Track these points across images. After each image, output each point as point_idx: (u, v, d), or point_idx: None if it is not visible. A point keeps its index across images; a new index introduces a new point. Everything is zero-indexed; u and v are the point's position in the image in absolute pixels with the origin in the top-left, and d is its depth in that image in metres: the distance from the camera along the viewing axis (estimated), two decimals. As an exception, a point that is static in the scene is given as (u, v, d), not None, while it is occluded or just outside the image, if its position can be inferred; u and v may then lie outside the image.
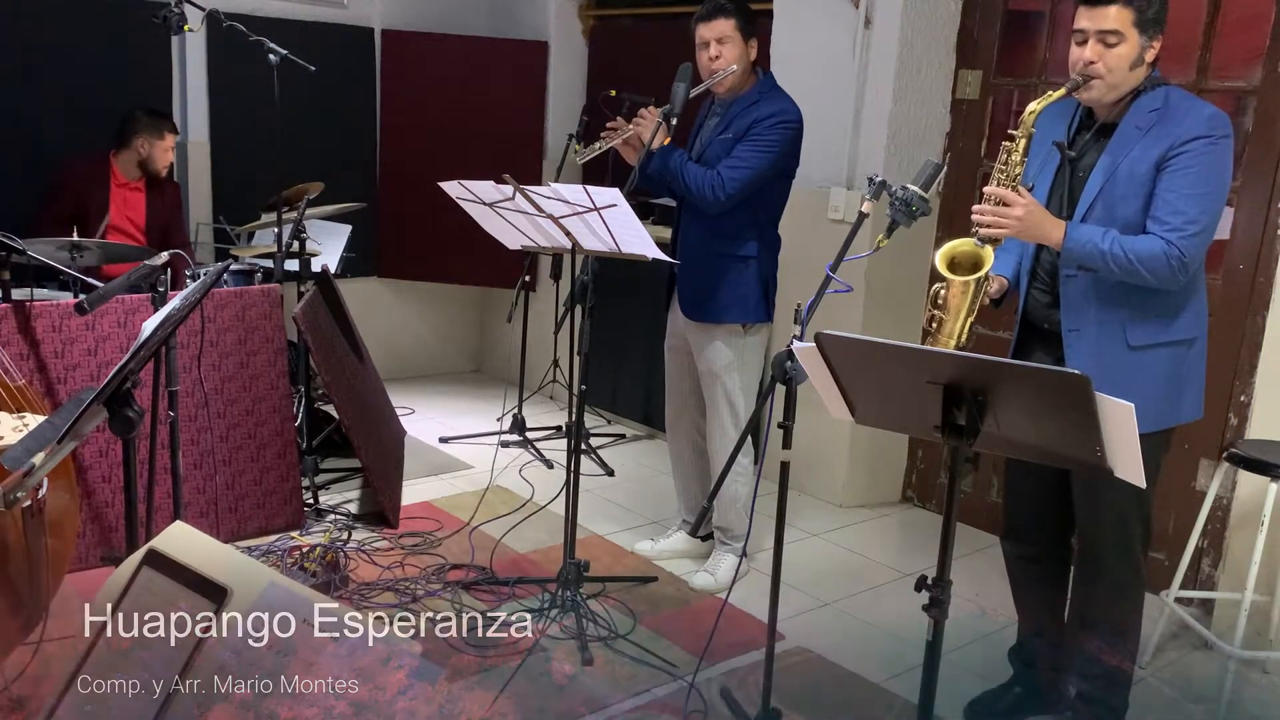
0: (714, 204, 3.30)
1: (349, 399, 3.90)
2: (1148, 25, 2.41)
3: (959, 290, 2.48)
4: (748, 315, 3.43)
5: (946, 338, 2.53)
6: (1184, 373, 2.54)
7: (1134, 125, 2.46)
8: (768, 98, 3.36)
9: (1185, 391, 2.55)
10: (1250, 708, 3.02)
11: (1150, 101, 2.46)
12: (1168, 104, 2.45)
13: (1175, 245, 2.36)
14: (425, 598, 3.32)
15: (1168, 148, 2.40)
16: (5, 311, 3.16)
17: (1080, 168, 2.55)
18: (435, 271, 5.82)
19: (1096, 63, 2.42)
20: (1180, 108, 2.44)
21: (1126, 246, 2.39)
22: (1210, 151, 2.38)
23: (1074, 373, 1.76)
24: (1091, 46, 2.43)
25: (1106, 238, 2.40)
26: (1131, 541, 2.60)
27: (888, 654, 3.21)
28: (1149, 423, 2.40)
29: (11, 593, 2.40)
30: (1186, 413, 2.58)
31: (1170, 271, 2.38)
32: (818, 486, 4.46)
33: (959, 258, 2.52)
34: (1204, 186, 2.39)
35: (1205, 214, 2.39)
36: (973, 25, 4.14)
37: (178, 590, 1.17)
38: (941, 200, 4.24)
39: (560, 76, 5.67)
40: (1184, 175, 2.38)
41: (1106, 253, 2.39)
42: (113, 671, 1.17)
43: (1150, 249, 2.38)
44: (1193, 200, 2.38)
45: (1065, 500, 2.73)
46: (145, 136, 4.39)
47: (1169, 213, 2.39)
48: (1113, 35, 2.40)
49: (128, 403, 2.04)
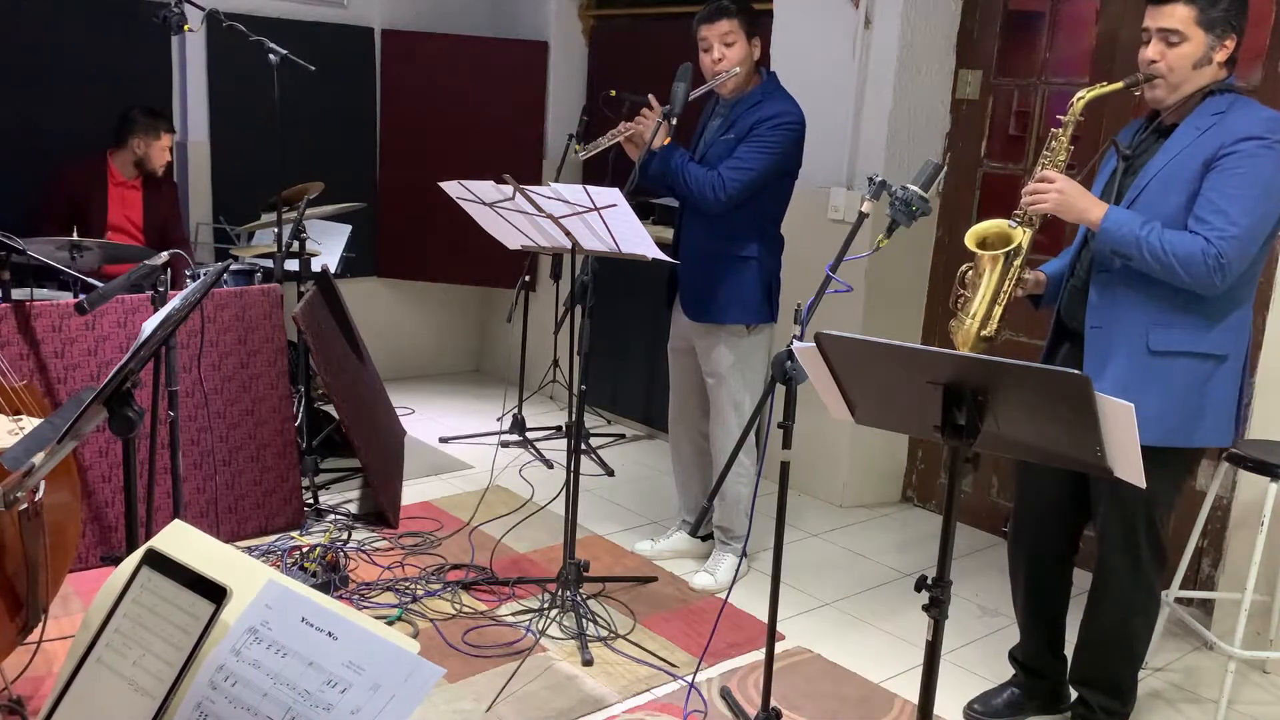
0: (714, 205, 3.30)
1: (349, 399, 3.90)
2: (1214, 24, 2.36)
3: (986, 264, 2.46)
4: (749, 316, 3.43)
5: (969, 317, 2.51)
6: (1208, 390, 2.44)
7: (1194, 126, 2.41)
8: (771, 98, 3.35)
9: (1206, 411, 2.45)
10: (1250, 708, 3.01)
11: (1216, 105, 2.40)
12: (1232, 109, 2.39)
13: (1214, 245, 2.30)
14: (425, 598, 3.33)
15: (1219, 146, 2.34)
16: (5, 311, 3.16)
17: (1133, 167, 2.52)
18: (435, 271, 5.83)
19: (1158, 61, 2.39)
20: (1242, 111, 2.38)
21: (1165, 239, 2.33)
22: (1262, 154, 2.31)
23: (1074, 373, 1.76)
24: (1154, 45, 2.39)
25: (1146, 226, 2.35)
26: (1137, 551, 2.58)
27: (888, 654, 3.22)
28: (1156, 435, 2.35)
29: (10, 594, 2.40)
30: (1205, 436, 2.47)
31: (1207, 272, 2.31)
32: (818, 486, 4.46)
33: (990, 238, 2.50)
34: (1251, 189, 2.31)
35: (1248, 216, 2.31)
36: (973, 25, 4.14)
37: (177, 590, 1.17)
38: (941, 200, 4.24)
39: (560, 76, 5.68)
40: (1231, 175, 2.32)
41: (1143, 239, 2.34)
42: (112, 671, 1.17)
43: (1188, 246, 2.32)
44: (1236, 201, 2.31)
45: (1074, 505, 2.73)
46: (141, 136, 4.39)
47: (1210, 212, 2.33)
48: (1174, 34, 2.36)
49: (128, 403, 2.04)
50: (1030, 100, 4.01)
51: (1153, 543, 2.57)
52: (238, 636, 1.14)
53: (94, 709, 1.16)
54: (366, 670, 1.10)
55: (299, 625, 1.14)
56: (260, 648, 1.14)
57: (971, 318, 2.50)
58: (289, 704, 1.11)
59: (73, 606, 3.10)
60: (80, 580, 3.22)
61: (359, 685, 1.10)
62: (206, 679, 1.13)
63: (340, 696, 1.10)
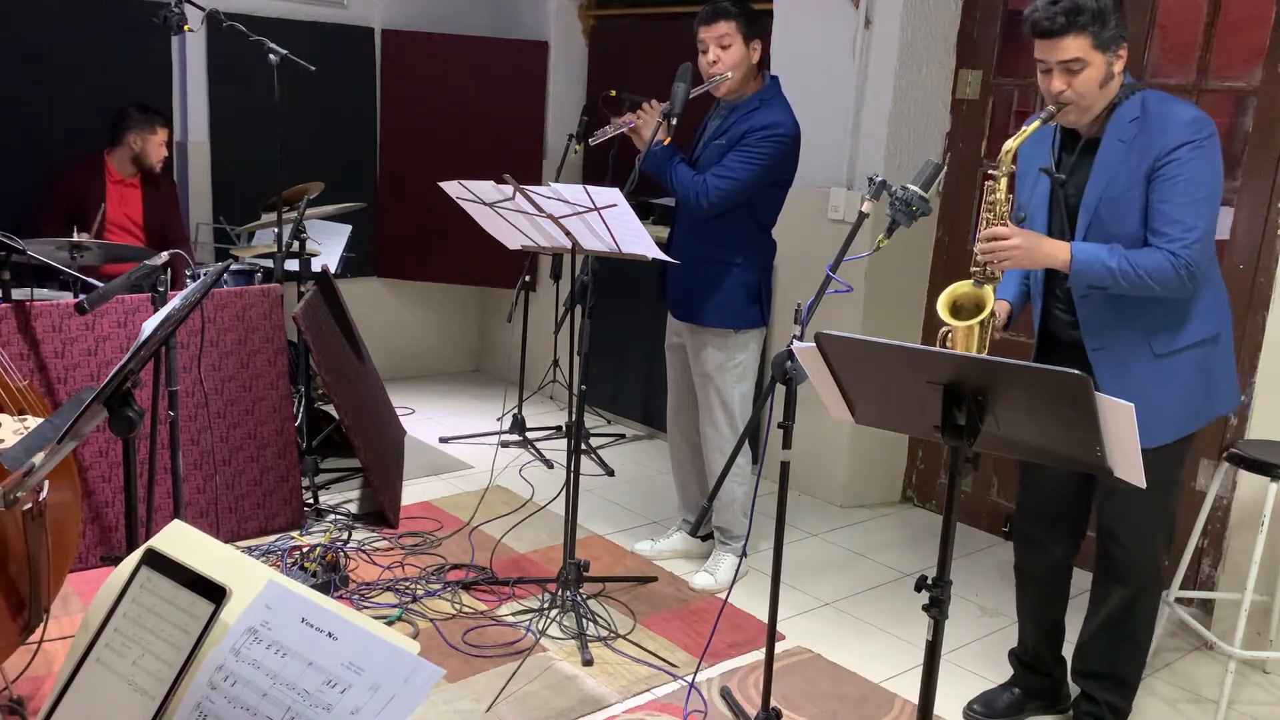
0: (698, 209, 3.31)
1: (349, 399, 3.90)
2: (1108, 44, 2.39)
3: (964, 335, 2.49)
4: (730, 321, 3.42)
5: None
6: (1213, 366, 2.55)
7: (1116, 139, 2.45)
8: (767, 106, 3.33)
9: (1218, 385, 2.57)
10: (1250, 708, 3.02)
11: (1128, 111, 2.44)
12: (1145, 111, 2.42)
13: (1179, 255, 2.36)
14: (425, 598, 3.33)
15: (1155, 158, 2.38)
16: (5, 311, 3.16)
17: (1070, 188, 2.54)
18: (435, 271, 5.83)
19: (1065, 90, 2.41)
20: (1159, 114, 2.41)
21: (1134, 261, 2.38)
22: (1197, 156, 2.36)
23: (1074, 372, 1.76)
24: (1058, 77, 2.41)
25: (1113, 255, 2.40)
26: (1155, 548, 2.61)
27: (888, 654, 3.22)
28: (1185, 425, 2.52)
29: (12, 594, 2.40)
30: (1222, 405, 2.60)
31: (1179, 281, 2.38)
32: (818, 486, 4.46)
33: (960, 300, 2.52)
34: (1197, 192, 2.37)
35: (1203, 219, 2.38)
36: (973, 25, 4.14)
37: (176, 590, 1.17)
38: (941, 200, 4.24)
39: (560, 76, 5.68)
40: (1175, 184, 2.37)
41: (1115, 270, 2.39)
42: (111, 671, 1.17)
43: (1156, 262, 2.37)
44: (1188, 208, 2.37)
45: (1077, 505, 2.74)
46: (137, 132, 4.40)
47: (1166, 224, 2.38)
48: (1075, 63, 2.38)
49: (128, 403, 2.04)
50: (1030, 100, 4.01)
51: (1169, 532, 2.62)
52: (237, 636, 1.14)
53: (93, 709, 1.16)
54: (366, 670, 1.10)
55: (299, 625, 1.14)
56: (260, 648, 1.14)
57: None
58: (289, 704, 1.11)
59: (73, 606, 3.10)
60: (80, 580, 3.22)
61: (359, 685, 1.10)
62: (206, 679, 1.13)
63: (340, 697, 1.10)
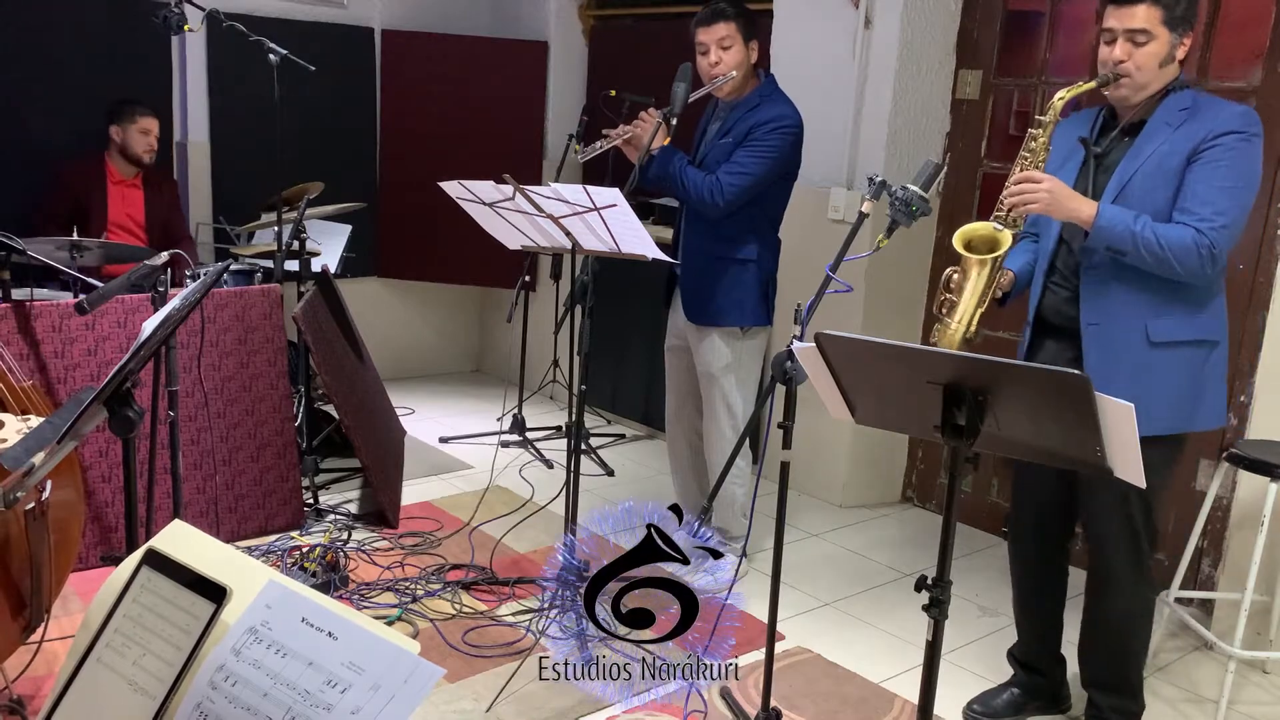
0: (713, 209, 3.30)
1: (349, 399, 3.90)
2: (1177, 23, 2.40)
3: (974, 268, 2.47)
4: (746, 319, 3.44)
5: (956, 322, 2.52)
6: (1205, 374, 2.51)
7: (1164, 122, 2.45)
8: (768, 101, 3.35)
9: (1205, 396, 2.52)
10: (1250, 708, 3.01)
11: (1179, 101, 2.45)
12: (1196, 104, 2.44)
13: (1205, 235, 2.34)
14: (425, 598, 3.32)
15: (1200, 140, 2.38)
16: (5, 311, 3.16)
17: (1105, 164, 2.53)
18: (435, 271, 5.83)
19: (1126, 61, 2.41)
20: (1211, 106, 2.43)
21: (1158, 231, 2.36)
22: (1241, 147, 2.37)
23: (1074, 373, 1.76)
24: (1121, 45, 2.41)
25: (1139, 220, 2.38)
26: (1138, 550, 2.59)
27: (888, 654, 3.22)
28: (1165, 424, 2.44)
29: (14, 593, 2.40)
30: (1204, 419, 2.54)
31: (1199, 262, 2.35)
32: (818, 486, 4.46)
33: (975, 241, 2.51)
34: (1235, 180, 2.37)
35: (1234, 207, 2.37)
36: (973, 25, 4.14)
37: (177, 590, 1.17)
38: (941, 200, 4.24)
39: (560, 76, 5.68)
40: (1215, 168, 2.37)
41: (1138, 234, 2.36)
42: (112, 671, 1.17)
43: (1180, 237, 2.36)
44: (1223, 193, 2.36)
45: (1071, 505, 2.74)
46: (117, 124, 4.40)
47: (1198, 203, 2.37)
48: (1141, 34, 2.39)
49: (128, 403, 2.04)
50: (1030, 100, 4.01)
51: (1150, 533, 2.59)
52: (238, 636, 1.14)
53: (94, 709, 1.16)
54: (366, 670, 1.10)
55: (299, 625, 1.14)
56: (260, 648, 1.14)
57: (958, 322, 2.51)
58: (289, 704, 1.11)
59: (73, 606, 3.10)
60: (80, 580, 3.21)
61: (359, 685, 1.10)
62: (206, 679, 1.13)
63: (340, 697, 1.10)
